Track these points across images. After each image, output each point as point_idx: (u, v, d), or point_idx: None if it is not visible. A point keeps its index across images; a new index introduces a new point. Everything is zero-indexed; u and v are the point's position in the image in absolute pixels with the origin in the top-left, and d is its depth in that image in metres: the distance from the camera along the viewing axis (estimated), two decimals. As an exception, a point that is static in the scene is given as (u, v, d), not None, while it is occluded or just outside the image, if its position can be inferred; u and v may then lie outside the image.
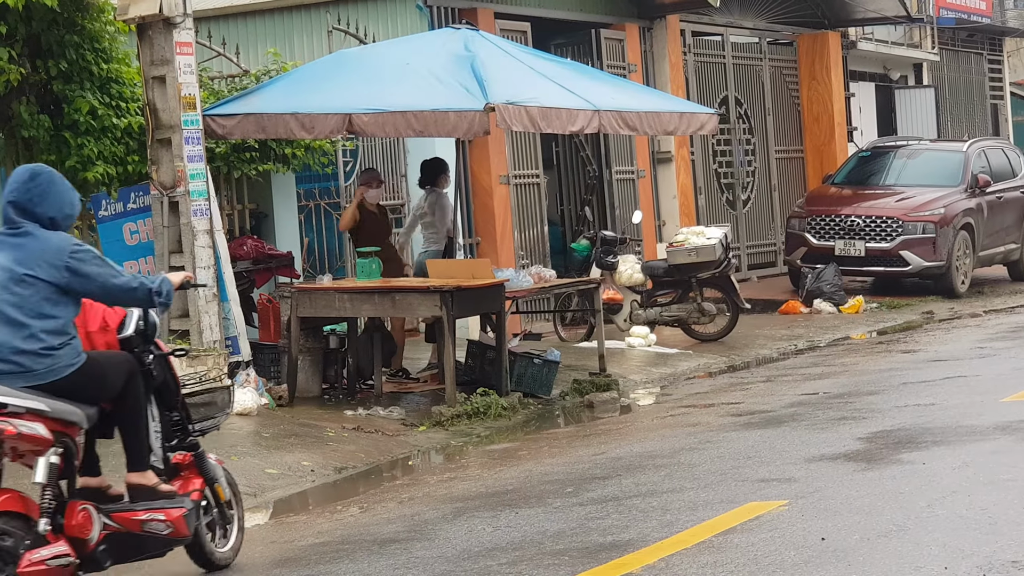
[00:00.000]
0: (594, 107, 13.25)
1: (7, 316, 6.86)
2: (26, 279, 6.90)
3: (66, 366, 6.92)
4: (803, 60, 25.38)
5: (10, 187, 7.08)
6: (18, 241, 6.99)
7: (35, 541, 6.57)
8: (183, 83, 12.28)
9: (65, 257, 6.98)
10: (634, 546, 7.38)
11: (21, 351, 6.83)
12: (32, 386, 6.79)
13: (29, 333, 6.85)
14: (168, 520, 7.25)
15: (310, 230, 16.06)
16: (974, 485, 8.30)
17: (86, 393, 7.00)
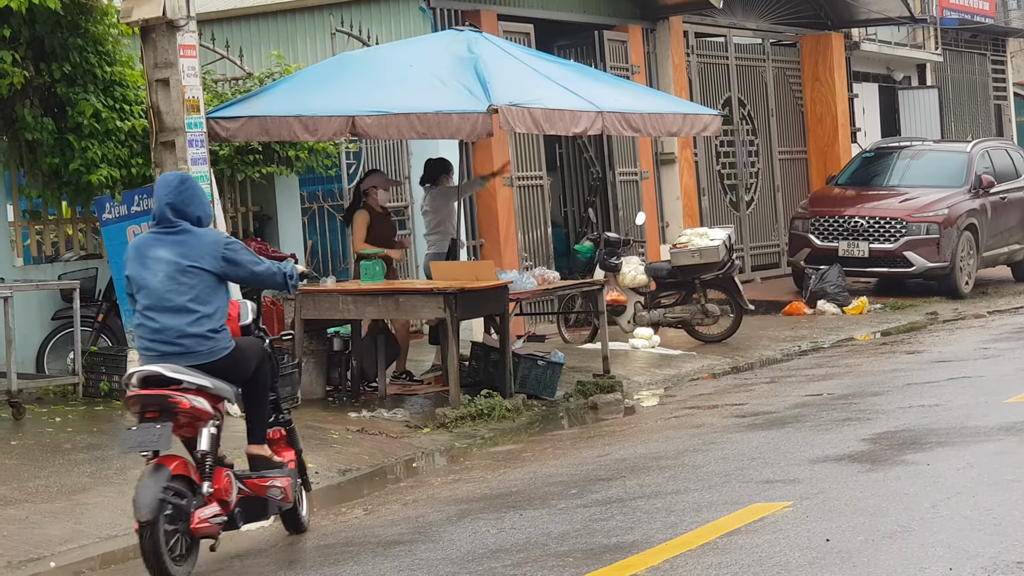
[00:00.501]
0: (597, 108, 13.25)
1: (175, 304, 7.82)
2: (191, 270, 7.87)
3: (222, 349, 7.90)
4: (806, 61, 25.38)
5: (164, 191, 8.03)
6: (178, 238, 7.93)
7: (199, 502, 7.61)
8: (187, 86, 12.29)
9: (221, 248, 7.99)
10: (638, 547, 7.38)
11: (188, 335, 7.80)
12: (193, 365, 7.77)
13: (195, 319, 7.82)
14: (283, 488, 8.23)
15: (314, 232, 16.06)
16: (978, 486, 8.30)
17: (233, 373, 8.00)
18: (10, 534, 8.48)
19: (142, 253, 7.96)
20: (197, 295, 7.87)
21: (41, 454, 10.26)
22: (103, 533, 8.70)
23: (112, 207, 12.95)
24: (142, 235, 8.22)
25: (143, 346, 7.90)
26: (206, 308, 7.88)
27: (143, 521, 7.32)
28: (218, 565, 7.95)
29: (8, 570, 8.00)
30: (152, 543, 7.32)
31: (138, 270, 7.93)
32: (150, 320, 7.87)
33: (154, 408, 7.67)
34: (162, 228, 7.98)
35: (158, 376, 7.71)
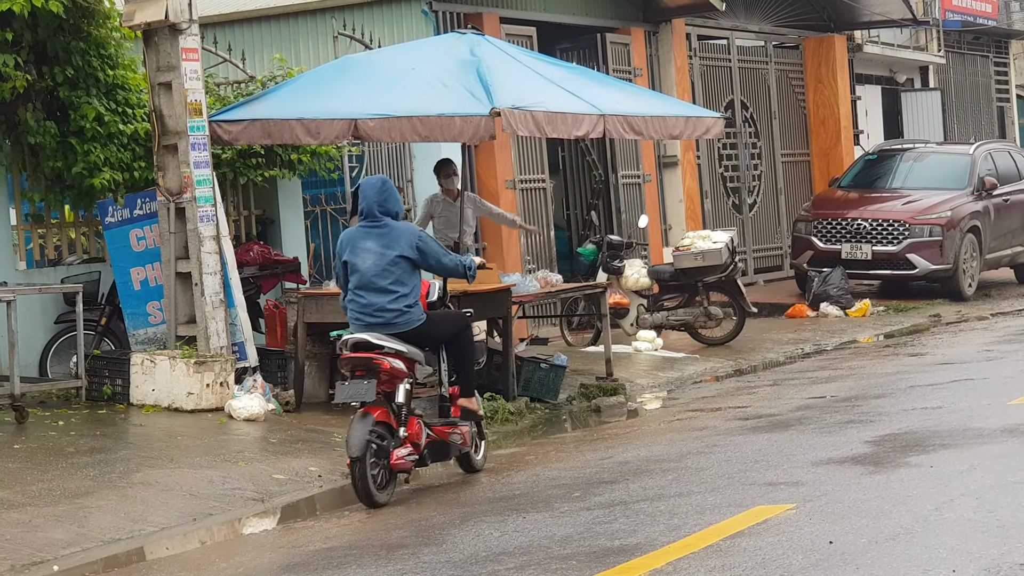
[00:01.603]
0: (600, 111, 13.25)
1: (380, 286, 9.71)
2: (395, 259, 9.71)
3: (415, 320, 9.77)
4: (809, 63, 25.38)
5: (371, 192, 9.86)
6: (383, 231, 9.80)
7: (397, 443, 9.48)
8: (189, 89, 12.30)
9: (415, 240, 9.81)
10: (641, 550, 7.38)
11: (388, 309, 9.70)
12: (391, 334, 9.66)
13: (394, 297, 9.71)
14: (462, 434, 10.07)
15: (316, 235, 16.06)
16: (982, 488, 8.29)
17: (424, 341, 9.88)
18: (13, 537, 8.48)
19: (354, 244, 9.83)
20: (396, 278, 9.71)
21: (44, 458, 10.26)
22: (106, 536, 8.69)
23: (115, 210, 12.95)
24: (353, 228, 9.99)
25: (354, 317, 9.82)
26: (403, 289, 9.73)
27: (353, 457, 9.25)
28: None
29: (11, 573, 8.00)
30: (360, 474, 9.26)
31: (351, 257, 9.80)
32: (360, 297, 9.76)
33: (362, 368, 9.52)
34: (369, 223, 9.83)
35: (365, 343, 9.58)
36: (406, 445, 9.55)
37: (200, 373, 11.92)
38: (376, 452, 9.35)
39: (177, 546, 8.76)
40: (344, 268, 9.88)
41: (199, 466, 10.24)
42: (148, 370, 12.09)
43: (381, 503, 9.34)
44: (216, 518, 9.30)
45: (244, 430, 11.46)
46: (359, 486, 9.29)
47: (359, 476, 9.25)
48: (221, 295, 12.42)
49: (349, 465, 9.31)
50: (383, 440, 9.42)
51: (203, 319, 12.34)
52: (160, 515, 9.18)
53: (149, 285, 12.84)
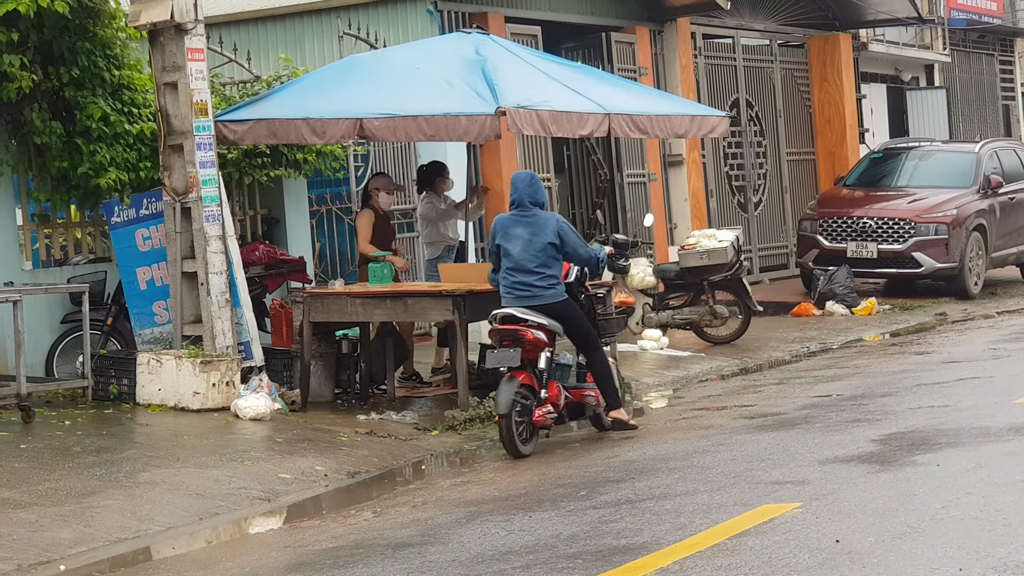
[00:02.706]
0: (605, 110, 13.25)
1: (528, 267, 11.09)
2: (543, 245, 11.09)
3: (558, 296, 11.16)
4: (814, 62, 25.37)
5: (523, 185, 11.24)
6: (531, 220, 11.16)
7: (538, 403, 10.90)
8: (195, 89, 12.31)
9: (557, 228, 11.17)
10: (648, 549, 7.38)
11: (535, 286, 11.10)
12: (535, 306, 11.05)
13: (540, 276, 11.09)
14: (596, 396, 11.50)
15: (322, 235, 16.07)
16: (988, 486, 8.29)
17: (563, 317, 11.20)
18: (20, 537, 8.49)
19: (506, 230, 11.21)
20: (543, 261, 11.11)
21: (50, 457, 10.27)
22: (113, 536, 8.70)
23: (121, 210, 12.97)
24: (506, 215, 11.31)
25: (505, 292, 11.18)
26: (548, 270, 11.15)
27: (501, 414, 10.67)
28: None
29: (18, 573, 8.01)
30: (507, 429, 10.68)
31: (503, 241, 11.19)
32: (511, 276, 11.15)
33: (508, 338, 10.93)
34: (520, 212, 11.19)
35: (512, 316, 10.98)
36: (546, 405, 10.97)
37: (206, 373, 11.93)
38: (520, 410, 10.78)
39: (183, 545, 8.77)
40: (497, 249, 11.28)
41: (205, 465, 10.25)
42: (154, 370, 12.10)
43: (525, 454, 10.77)
44: (222, 517, 9.32)
45: (250, 429, 11.48)
46: (505, 439, 10.74)
47: (505, 430, 10.70)
48: (227, 295, 12.43)
49: (497, 421, 10.76)
50: (527, 400, 10.85)
51: (209, 319, 12.35)
52: (166, 514, 9.18)
53: (155, 285, 12.85)
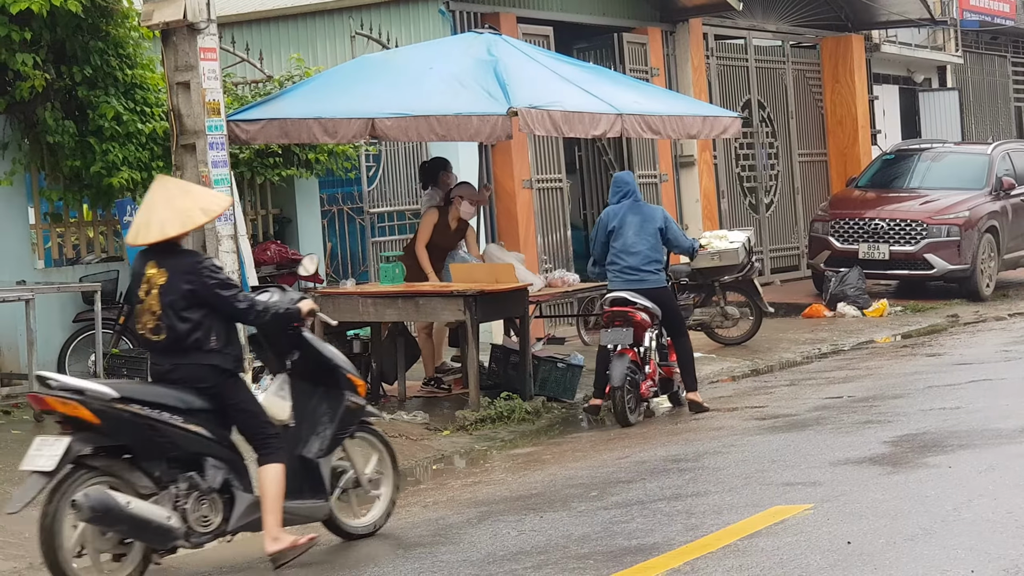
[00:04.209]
0: (617, 111, 13.25)
1: (636, 250, 12.40)
2: (653, 231, 12.48)
3: (661, 282, 12.52)
4: (826, 63, 25.34)
5: (630, 181, 12.88)
6: (642, 209, 12.65)
7: (643, 377, 12.20)
8: (207, 89, 12.31)
9: (664, 217, 12.70)
10: (659, 550, 7.38)
11: (642, 269, 12.39)
12: (640, 289, 12.35)
13: (648, 261, 12.43)
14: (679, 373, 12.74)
15: (333, 235, 16.08)
16: (1000, 488, 8.28)
17: (661, 301, 12.43)
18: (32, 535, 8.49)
19: (621, 217, 12.49)
20: (652, 245, 12.46)
21: (62, 456, 10.26)
22: (124, 535, 8.69)
23: (133, 209, 12.98)
24: (617, 206, 12.59)
25: (615, 276, 12.47)
26: (655, 255, 12.47)
27: (616, 387, 11.93)
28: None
29: (30, 571, 8.02)
30: (620, 401, 11.95)
31: (617, 227, 12.48)
32: (622, 260, 12.42)
33: (620, 319, 12.17)
34: (632, 203, 12.58)
35: (623, 299, 12.27)
36: (648, 379, 12.28)
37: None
38: (630, 384, 12.02)
39: (195, 544, 8.76)
40: (607, 236, 12.48)
41: (217, 465, 10.23)
42: (166, 369, 12.09)
43: (632, 423, 11.98)
44: (234, 517, 9.29)
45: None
46: (618, 410, 11.97)
47: (619, 401, 11.94)
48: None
49: (608, 393, 12.07)
50: (635, 375, 12.11)
51: (221, 318, 12.34)
52: (178, 513, 9.17)
53: (167, 284, 12.84)
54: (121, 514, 7.28)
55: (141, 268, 7.78)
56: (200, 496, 7.63)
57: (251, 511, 7.77)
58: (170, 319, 7.65)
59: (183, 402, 7.65)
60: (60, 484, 7.28)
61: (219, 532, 7.76)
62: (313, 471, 8.12)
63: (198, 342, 7.69)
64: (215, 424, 7.77)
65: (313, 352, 8.26)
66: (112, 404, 7.41)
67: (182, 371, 7.72)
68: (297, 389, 8.18)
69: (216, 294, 7.69)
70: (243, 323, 7.95)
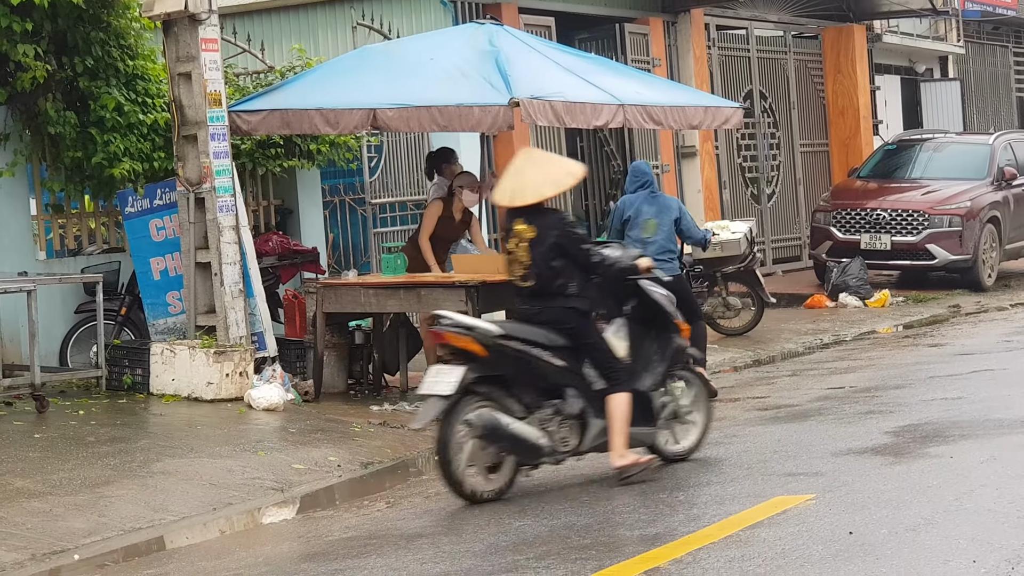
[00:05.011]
0: (619, 101, 13.24)
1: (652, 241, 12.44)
2: (669, 222, 12.63)
3: (675, 269, 12.47)
4: (828, 53, 25.32)
5: (649, 171, 13.00)
6: (659, 199, 12.79)
7: None
8: (209, 79, 12.32)
9: (679, 207, 12.80)
10: (661, 540, 7.38)
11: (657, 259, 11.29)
12: None
13: (662, 251, 12.40)
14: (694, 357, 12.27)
15: (335, 226, 16.07)
16: (1002, 478, 8.28)
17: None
18: (34, 527, 8.51)
19: (636, 207, 12.64)
20: (667, 235, 12.59)
21: (64, 447, 10.30)
22: (127, 526, 8.72)
23: (135, 200, 12.98)
24: (635, 195, 12.69)
25: None
26: (669, 244, 12.56)
27: None
28: None
29: (32, 562, 8.03)
30: None
31: (632, 216, 12.56)
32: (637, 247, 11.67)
33: None
34: (649, 193, 12.69)
35: None
36: None
37: (220, 363, 11.94)
38: None
39: (197, 535, 8.79)
40: (622, 224, 12.60)
41: (219, 455, 10.26)
42: (168, 360, 12.13)
43: None
44: (236, 507, 9.33)
45: (263, 420, 11.49)
46: None
47: None
48: (240, 285, 12.44)
49: None
50: None
51: (222, 309, 12.37)
52: (180, 504, 9.20)
53: (169, 275, 12.87)
54: (504, 432, 8.66)
55: (510, 224, 9.12)
56: (562, 420, 8.94)
57: (601, 434, 8.99)
58: (538, 268, 8.97)
59: (549, 339, 8.90)
60: (454, 406, 8.58)
61: (575, 451, 9.05)
62: (645, 402, 9.25)
63: (560, 288, 8.98)
64: (573, 359, 8.97)
65: (647, 300, 9.45)
66: (496, 339, 8.75)
67: (547, 313, 8.99)
68: (633, 332, 9.35)
69: (577, 248, 9.03)
70: (594, 274, 9.13)
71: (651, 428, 9.30)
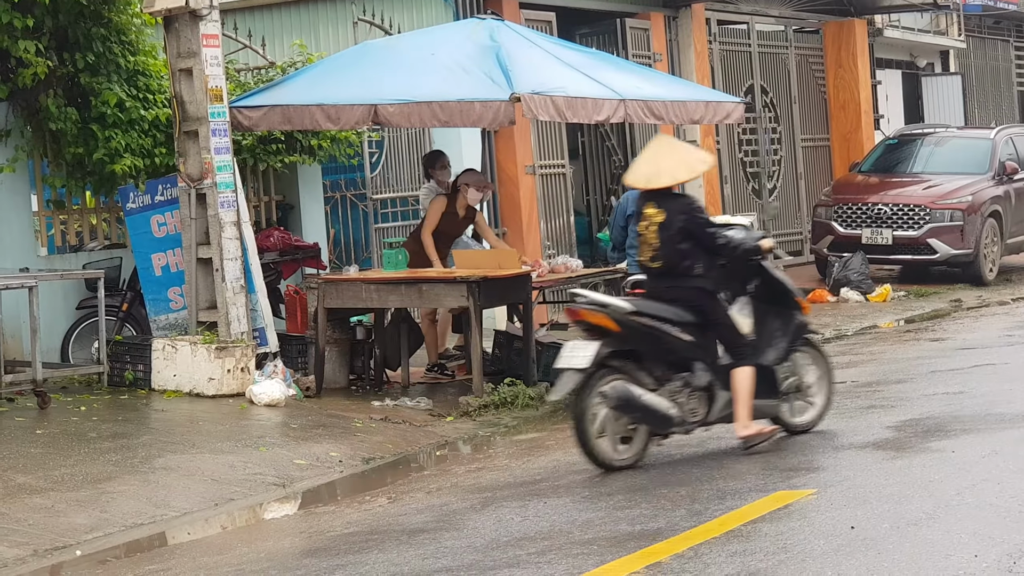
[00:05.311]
0: (620, 96, 13.23)
1: None
2: None
3: None
4: (829, 48, 25.31)
5: None
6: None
7: None
8: (210, 75, 12.32)
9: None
10: (663, 535, 7.38)
11: None
12: None
13: None
14: None
15: (336, 221, 16.08)
16: (1004, 473, 8.28)
17: None
18: (36, 523, 8.52)
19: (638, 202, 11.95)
20: None
21: (66, 443, 10.30)
22: (128, 522, 8.73)
23: (136, 196, 12.99)
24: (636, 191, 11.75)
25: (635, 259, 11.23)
26: None
27: None
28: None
29: (34, 558, 8.03)
30: None
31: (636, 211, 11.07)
32: None
33: None
34: None
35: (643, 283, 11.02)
36: None
37: (221, 359, 11.95)
38: None
39: (199, 531, 8.80)
40: (625, 220, 12.52)
41: (220, 451, 10.27)
42: (169, 356, 12.13)
43: None
44: (238, 503, 9.34)
45: (265, 415, 11.50)
46: None
47: None
48: (242, 281, 12.44)
49: None
50: None
51: (224, 305, 12.37)
52: (182, 500, 9.21)
53: (170, 271, 12.87)
54: (637, 403, 9.14)
55: (641, 208, 9.62)
56: (690, 392, 9.42)
57: (727, 406, 9.49)
58: (667, 250, 9.44)
59: (677, 316, 9.37)
60: (589, 379, 9.07)
61: (703, 422, 9.53)
62: (769, 376, 9.67)
63: (687, 268, 9.43)
64: (700, 334, 9.42)
65: (769, 279, 9.83)
66: (628, 316, 9.25)
67: (674, 292, 9.44)
68: (756, 309, 9.72)
69: (703, 231, 9.48)
70: (720, 255, 9.55)
71: (774, 400, 9.77)
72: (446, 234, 13.64)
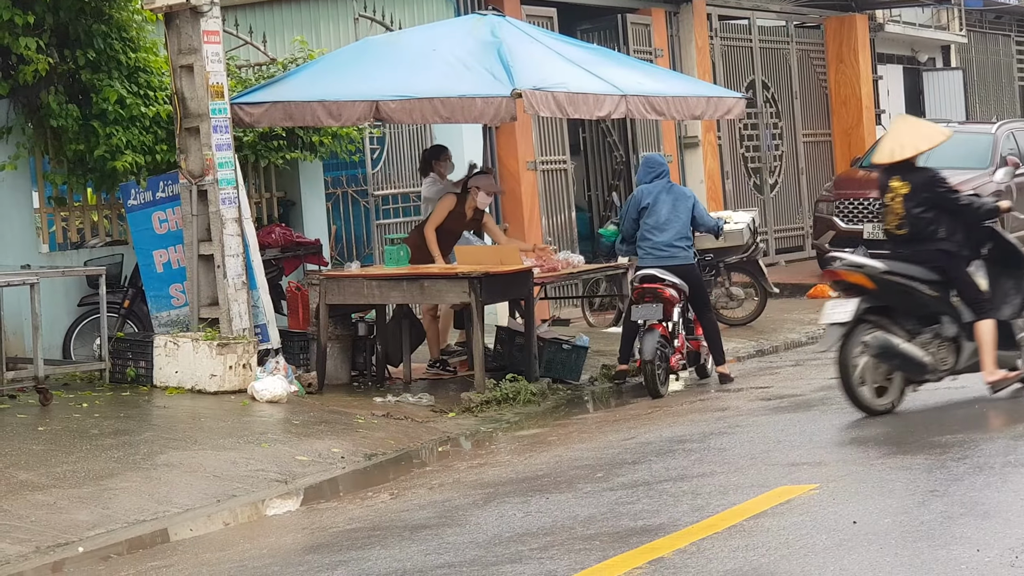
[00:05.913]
0: (621, 92, 13.23)
1: (670, 227, 12.91)
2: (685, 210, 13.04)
3: (689, 259, 13.04)
4: (830, 43, 25.29)
5: (664, 162, 13.41)
6: (673, 188, 13.21)
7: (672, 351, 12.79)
8: (211, 72, 12.31)
9: (693, 197, 13.30)
10: (665, 530, 7.38)
11: (673, 245, 12.90)
12: (669, 267, 12.83)
13: (679, 236, 12.94)
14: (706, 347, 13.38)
15: (338, 218, 16.08)
16: (1006, 466, 8.27)
17: (689, 278, 12.98)
18: (38, 519, 8.52)
19: (655, 195, 13.02)
20: (684, 222, 12.97)
21: (68, 440, 10.31)
22: (131, 518, 8.73)
23: (137, 193, 12.98)
24: (650, 185, 13.08)
25: (646, 252, 12.96)
26: (685, 231, 12.99)
27: (646, 360, 12.45)
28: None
29: (37, 555, 8.04)
30: (651, 373, 12.45)
31: (651, 204, 12.98)
32: (653, 236, 12.93)
33: (650, 295, 12.70)
34: (665, 183, 13.13)
35: (653, 276, 12.75)
36: (678, 352, 12.83)
37: (223, 355, 11.95)
38: (660, 356, 12.52)
39: (201, 527, 8.80)
40: (639, 213, 12.98)
41: (222, 448, 10.27)
42: (171, 352, 12.13)
43: (662, 395, 12.51)
44: (240, 499, 9.34)
45: (267, 412, 11.50)
46: (649, 382, 12.49)
47: (649, 374, 12.47)
48: (243, 277, 12.44)
49: (640, 365, 12.61)
50: (665, 348, 12.61)
51: (225, 301, 12.37)
52: (184, 496, 9.21)
53: (172, 267, 12.87)
54: (895, 351, 10.11)
55: (886, 181, 10.57)
56: (940, 343, 10.32)
57: (972, 355, 10.36)
58: (912, 218, 10.38)
59: (924, 275, 10.30)
60: (851, 331, 10.10)
61: (952, 370, 10.43)
62: (1007, 330, 10.48)
63: (932, 233, 10.34)
64: (945, 291, 10.32)
65: (1001, 242, 10.67)
66: (882, 274, 10.29)
67: (920, 255, 10.36)
68: (991, 271, 10.54)
69: (946, 198, 10.42)
70: (963, 216, 10.42)
71: (1014, 352, 10.57)
72: (451, 232, 13.64)
